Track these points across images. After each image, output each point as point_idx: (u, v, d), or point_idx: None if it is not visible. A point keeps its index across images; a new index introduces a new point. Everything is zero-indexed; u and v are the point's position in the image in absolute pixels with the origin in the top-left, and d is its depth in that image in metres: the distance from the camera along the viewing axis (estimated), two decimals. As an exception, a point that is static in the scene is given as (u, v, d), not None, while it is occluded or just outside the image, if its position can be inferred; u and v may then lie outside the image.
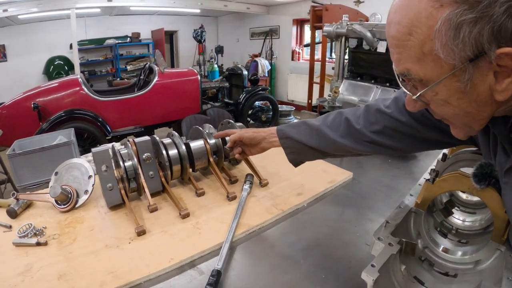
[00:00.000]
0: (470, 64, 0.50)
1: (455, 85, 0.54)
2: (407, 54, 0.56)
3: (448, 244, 0.86)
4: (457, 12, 0.47)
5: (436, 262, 0.83)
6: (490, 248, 0.75)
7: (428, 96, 0.59)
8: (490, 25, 0.46)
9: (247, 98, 5.87)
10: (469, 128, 0.62)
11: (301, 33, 9.13)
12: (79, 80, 4.17)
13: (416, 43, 0.53)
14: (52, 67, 8.54)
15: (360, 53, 2.33)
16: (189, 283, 0.89)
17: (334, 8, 4.82)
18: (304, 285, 0.88)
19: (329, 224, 1.18)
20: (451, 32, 0.49)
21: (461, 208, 0.97)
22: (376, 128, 0.94)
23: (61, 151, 2.61)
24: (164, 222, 1.14)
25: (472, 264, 0.78)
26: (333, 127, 1.03)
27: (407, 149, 0.97)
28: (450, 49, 0.50)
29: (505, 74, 0.50)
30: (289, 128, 1.14)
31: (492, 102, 0.54)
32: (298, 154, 1.14)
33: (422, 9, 0.51)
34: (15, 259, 0.97)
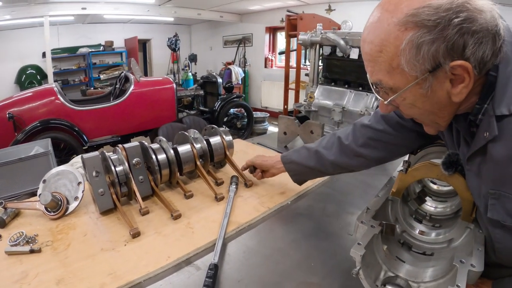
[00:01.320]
0: (430, 74, 0.63)
1: (419, 91, 0.66)
2: (379, 68, 0.68)
3: (423, 228, 0.96)
4: (418, 35, 0.60)
5: (414, 244, 0.93)
6: (461, 227, 0.86)
7: (398, 101, 0.71)
8: (444, 43, 0.59)
9: (222, 106, 5.92)
10: (437, 125, 0.75)
11: (273, 40, 9.31)
12: (54, 89, 4.08)
13: (385, 59, 0.65)
14: (24, 76, 8.22)
15: (334, 60, 2.46)
16: (188, 278, 0.94)
17: (308, 17, 5.07)
18: (295, 273, 0.96)
19: (313, 218, 1.27)
20: (414, 50, 0.61)
21: (433, 198, 1.08)
22: (362, 142, 1.09)
23: (39, 162, 2.55)
24: (157, 224, 1.18)
25: (446, 243, 0.89)
26: (327, 147, 1.18)
27: (389, 156, 1.11)
28: (413, 64, 0.62)
29: (459, 80, 0.63)
30: (291, 153, 1.32)
31: (450, 103, 0.67)
32: (300, 175, 1.31)
33: (391, 31, 0.63)
34: (9, 268, 0.96)
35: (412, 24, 0.60)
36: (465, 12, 0.57)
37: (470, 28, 0.58)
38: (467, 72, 0.61)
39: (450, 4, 0.57)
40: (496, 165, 0.66)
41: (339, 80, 2.48)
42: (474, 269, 0.68)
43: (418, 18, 0.59)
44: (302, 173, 1.29)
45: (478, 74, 0.62)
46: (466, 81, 0.62)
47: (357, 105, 2.26)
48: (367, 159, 1.10)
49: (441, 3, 0.58)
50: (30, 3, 6.20)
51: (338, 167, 1.17)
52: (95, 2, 6.86)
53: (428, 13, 0.58)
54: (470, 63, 0.60)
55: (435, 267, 0.80)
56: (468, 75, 0.61)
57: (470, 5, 0.57)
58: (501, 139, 0.63)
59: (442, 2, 0.58)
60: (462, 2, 0.57)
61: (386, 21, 0.63)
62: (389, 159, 1.13)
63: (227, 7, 8.36)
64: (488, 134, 0.65)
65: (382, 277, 0.78)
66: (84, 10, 6.80)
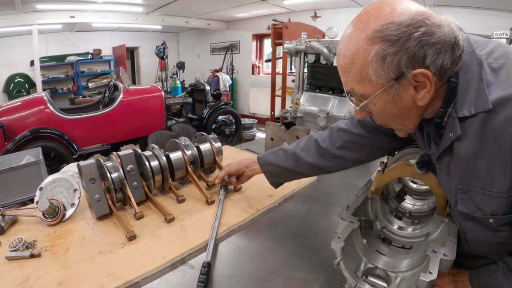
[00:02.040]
0: (395, 82, 0.71)
1: (387, 97, 0.74)
2: (351, 78, 0.76)
3: (402, 224, 1.05)
4: (383, 48, 0.68)
5: (393, 239, 1.01)
6: (436, 221, 0.94)
7: (370, 106, 0.79)
8: (406, 55, 0.67)
9: (210, 113, 5.99)
10: (405, 128, 0.83)
11: (260, 47, 9.44)
12: (44, 98, 4.08)
13: (356, 69, 0.74)
14: (12, 85, 8.11)
15: (318, 67, 2.57)
16: (183, 277, 1.00)
17: (293, 25, 5.23)
18: (283, 269, 1.03)
19: (300, 218, 1.35)
20: (379, 61, 0.69)
21: (413, 196, 1.17)
22: (339, 144, 1.16)
23: (30, 171, 2.56)
24: (151, 227, 1.24)
25: (423, 236, 0.97)
26: (305, 149, 1.23)
27: (366, 158, 1.19)
28: (380, 73, 0.70)
29: (421, 86, 0.71)
30: (268, 155, 1.34)
31: (416, 107, 0.75)
32: (277, 177, 1.34)
33: (360, 45, 0.71)
34: (10, 272, 1.01)
35: (378, 39, 0.68)
36: (424, 27, 0.66)
37: (429, 41, 0.66)
38: (428, 78, 0.69)
39: (410, 20, 0.66)
40: (462, 162, 0.75)
41: (323, 87, 2.59)
42: (446, 258, 0.76)
43: (383, 34, 0.68)
44: (279, 175, 1.33)
45: (440, 80, 0.71)
46: (428, 86, 0.70)
47: (341, 110, 2.37)
48: (344, 160, 1.18)
49: (403, 20, 0.67)
50: (18, 12, 6.19)
51: (316, 168, 1.23)
52: (83, 11, 6.88)
53: (391, 29, 0.67)
54: (430, 70, 0.68)
55: (412, 258, 0.89)
56: (429, 82, 0.70)
57: (429, 21, 0.66)
58: (464, 138, 0.72)
59: (404, 19, 0.67)
60: (421, 19, 0.66)
61: (357, 37, 0.72)
62: (366, 161, 1.21)
63: (214, 15, 8.46)
64: (453, 134, 0.74)
65: (362, 268, 0.86)
66: (73, 18, 6.81)
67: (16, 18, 6.32)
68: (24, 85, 8.17)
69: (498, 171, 0.69)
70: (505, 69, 0.68)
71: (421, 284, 0.67)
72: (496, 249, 0.81)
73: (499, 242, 0.78)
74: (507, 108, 0.65)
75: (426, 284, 0.67)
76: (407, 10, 0.68)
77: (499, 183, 0.69)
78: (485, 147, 0.69)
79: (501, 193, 0.69)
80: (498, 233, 0.76)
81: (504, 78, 0.68)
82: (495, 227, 0.75)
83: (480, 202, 0.74)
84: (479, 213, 0.75)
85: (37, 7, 6.16)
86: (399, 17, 0.67)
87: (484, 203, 0.73)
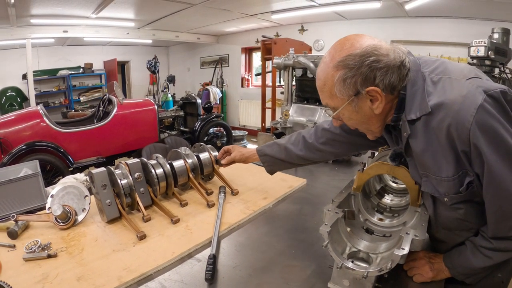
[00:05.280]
0: (354, 97, 0.93)
1: (350, 108, 0.97)
2: (324, 95, 1.00)
3: (381, 216, 1.21)
4: (344, 72, 0.91)
5: (375, 230, 1.17)
6: (411, 211, 1.10)
7: (340, 115, 1.01)
8: (361, 77, 0.90)
9: (202, 126, 6.11)
10: (372, 132, 1.06)
11: (249, 60, 9.66)
12: (40, 111, 4.15)
13: (327, 89, 0.97)
14: (4, 98, 8.08)
15: (305, 81, 2.75)
16: (191, 268, 1.13)
17: (281, 41, 5.54)
18: (280, 259, 1.17)
19: (292, 217, 1.50)
20: (341, 83, 0.92)
21: (394, 194, 1.33)
22: (322, 141, 1.39)
23: (28, 183, 2.61)
24: (159, 228, 1.36)
25: (401, 225, 1.12)
26: (294, 143, 1.46)
27: (345, 152, 1.48)
28: (342, 92, 0.93)
29: (375, 99, 0.93)
30: (264, 148, 1.57)
31: (375, 115, 0.97)
32: (273, 166, 1.57)
33: (329, 72, 0.94)
34: (29, 271, 1.09)
35: (340, 66, 0.91)
36: (373, 56, 0.87)
37: (377, 66, 0.88)
38: (378, 93, 0.91)
39: (363, 52, 0.88)
40: (417, 155, 0.96)
41: (310, 99, 2.77)
42: (417, 238, 0.92)
43: (344, 63, 0.90)
44: (274, 164, 1.55)
45: (391, 94, 0.93)
46: (380, 99, 0.92)
47: (327, 120, 2.53)
48: (326, 153, 1.41)
49: (357, 52, 0.88)
50: (12, 25, 6.28)
51: (303, 159, 1.45)
52: (76, 25, 6.99)
53: (349, 59, 0.89)
54: (379, 87, 0.90)
55: (390, 242, 1.04)
56: (379, 96, 0.91)
57: (377, 52, 0.88)
58: (415, 137, 0.94)
59: (358, 51, 0.88)
60: (371, 50, 0.88)
61: (327, 66, 0.94)
62: (345, 154, 1.51)
63: (204, 29, 8.67)
64: (406, 133, 0.95)
65: (348, 252, 1.01)
66: (66, 33, 6.92)
67: (10, 32, 6.42)
68: (16, 99, 8.13)
69: (442, 160, 0.89)
70: (441, 82, 0.90)
71: (395, 258, 0.82)
72: (459, 225, 1.00)
73: (460, 219, 0.97)
74: (440, 111, 0.85)
75: (400, 258, 0.81)
76: (361, 44, 0.90)
77: (445, 169, 0.90)
78: (430, 142, 0.90)
79: (447, 177, 0.90)
80: (457, 210, 0.95)
81: (439, 88, 0.89)
82: (451, 205, 0.94)
83: (435, 185, 0.94)
84: (437, 193, 0.95)
85: (32, 21, 6.28)
86: (355, 50, 0.89)
87: (438, 185, 0.93)
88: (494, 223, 0.90)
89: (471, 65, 3.84)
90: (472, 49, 3.73)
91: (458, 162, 0.87)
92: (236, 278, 1.08)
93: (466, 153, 0.84)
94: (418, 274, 1.04)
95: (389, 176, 1.36)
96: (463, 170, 0.88)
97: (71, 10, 5.87)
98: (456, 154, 0.86)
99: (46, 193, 2.41)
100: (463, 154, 0.85)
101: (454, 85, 0.87)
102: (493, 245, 0.92)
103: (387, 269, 0.84)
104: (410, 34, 5.97)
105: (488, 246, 0.93)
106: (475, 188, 0.89)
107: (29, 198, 2.58)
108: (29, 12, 5.72)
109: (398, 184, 1.36)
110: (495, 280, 1.04)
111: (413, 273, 1.05)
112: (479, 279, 1.01)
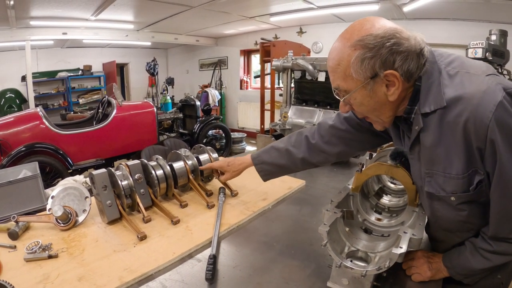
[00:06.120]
0: (371, 80, 0.88)
1: (364, 92, 0.92)
2: (337, 76, 0.93)
3: (379, 216, 1.22)
4: (362, 52, 0.86)
5: (373, 229, 1.18)
6: (409, 211, 1.11)
7: (351, 99, 0.96)
8: (380, 59, 0.85)
9: (201, 128, 6.12)
10: (381, 121, 1.01)
11: (248, 62, 9.68)
12: (39, 113, 4.16)
13: (342, 69, 0.91)
14: (3, 100, 8.08)
15: (304, 83, 2.77)
16: (192, 268, 1.14)
17: (280, 43, 5.55)
18: (279, 259, 1.18)
19: (291, 218, 1.51)
20: (359, 63, 0.87)
21: (392, 195, 1.35)
22: (327, 139, 1.33)
23: (28, 185, 2.61)
24: (159, 229, 1.37)
25: (399, 225, 1.13)
26: (296, 146, 1.39)
27: (350, 151, 1.37)
28: (359, 72, 0.88)
29: (392, 85, 0.89)
30: (261, 154, 1.48)
31: (388, 102, 0.93)
32: (270, 174, 1.48)
33: (345, 51, 0.89)
34: (30, 272, 1.10)
35: (359, 46, 0.86)
36: (394, 39, 0.84)
37: (397, 49, 0.84)
38: (396, 78, 0.87)
39: (384, 33, 0.84)
40: (427, 150, 0.93)
41: (309, 101, 2.78)
42: (415, 237, 0.93)
43: (363, 42, 0.86)
44: (272, 172, 1.46)
45: (408, 82, 0.89)
46: (397, 85, 0.88)
47: (326, 122, 2.55)
48: (330, 154, 1.34)
49: (378, 33, 0.85)
50: (12, 27, 6.30)
51: (307, 163, 1.38)
52: (75, 28, 7.01)
53: (369, 39, 0.85)
54: (398, 72, 0.86)
55: (388, 241, 1.05)
56: (397, 81, 0.87)
57: (399, 35, 0.85)
58: (427, 130, 0.91)
59: (379, 32, 0.85)
60: (393, 33, 0.84)
61: (343, 44, 0.90)
62: (350, 154, 1.40)
63: (203, 31, 8.70)
64: (418, 127, 0.93)
65: (346, 251, 1.02)
66: (65, 35, 6.95)
67: (9, 34, 6.44)
68: (15, 101, 8.13)
69: (454, 156, 0.87)
70: (459, 76, 0.87)
71: (393, 257, 0.83)
72: (461, 227, 0.99)
73: (462, 221, 0.96)
74: (458, 105, 0.83)
75: (398, 257, 0.83)
76: (382, 26, 0.87)
77: (455, 166, 0.88)
78: (443, 137, 0.88)
79: (457, 174, 0.88)
80: (460, 211, 0.94)
81: (457, 82, 0.87)
82: (456, 205, 0.92)
83: (442, 183, 0.92)
84: (443, 192, 0.92)
85: (31, 23, 6.30)
86: (376, 31, 0.86)
87: (445, 183, 0.91)
88: (496, 224, 0.90)
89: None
90: (470, 50, 3.75)
91: (470, 159, 0.86)
92: (236, 277, 1.08)
93: (481, 150, 0.83)
94: (416, 273, 1.05)
95: (388, 177, 1.37)
96: (474, 168, 0.86)
97: (71, 12, 5.90)
98: (470, 151, 0.85)
99: (45, 194, 2.42)
100: (477, 151, 0.84)
101: (473, 79, 0.85)
102: (493, 248, 0.92)
103: (386, 268, 0.85)
104: (408, 36, 5.98)
105: (488, 248, 0.93)
106: (484, 187, 0.88)
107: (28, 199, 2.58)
108: (29, 14, 5.74)
109: (396, 185, 1.37)
110: (494, 282, 1.05)
111: (412, 272, 1.06)
112: (478, 280, 1.02)
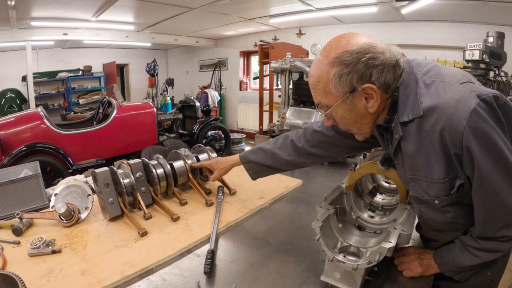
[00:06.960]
0: (350, 94, 0.93)
1: (345, 106, 0.96)
2: (318, 92, 0.98)
3: (372, 214, 1.26)
4: (340, 69, 0.90)
5: (366, 227, 1.22)
6: (400, 209, 1.16)
7: (333, 114, 1.00)
8: (357, 74, 0.89)
9: (201, 129, 6.14)
10: (362, 132, 1.05)
11: (248, 64, 9.74)
12: (40, 113, 4.19)
13: (321, 86, 0.96)
14: (4, 100, 8.11)
15: (302, 84, 2.82)
16: (190, 263, 1.18)
17: (278, 45, 5.63)
18: (275, 255, 1.23)
19: (288, 216, 1.56)
20: (337, 79, 0.91)
21: (386, 194, 1.39)
22: (313, 143, 1.37)
23: (29, 184, 2.64)
24: (159, 226, 1.41)
25: (391, 222, 1.16)
26: (282, 148, 1.43)
27: (336, 155, 1.42)
28: (338, 88, 0.92)
29: (370, 97, 0.93)
30: (248, 154, 1.53)
31: (368, 114, 0.97)
32: (258, 173, 1.53)
33: (324, 68, 0.93)
34: (34, 266, 1.14)
35: (336, 63, 0.90)
36: (369, 54, 0.88)
37: (373, 63, 0.88)
38: (374, 91, 0.91)
39: (359, 49, 0.88)
40: (408, 157, 0.97)
41: (307, 102, 2.83)
42: (404, 232, 0.97)
43: (340, 59, 0.90)
44: (260, 171, 1.51)
45: (386, 93, 0.93)
46: (375, 97, 0.92)
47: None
48: (317, 156, 1.39)
49: (354, 49, 0.89)
50: (13, 28, 6.35)
51: (293, 164, 1.44)
52: (76, 28, 7.06)
53: (346, 56, 0.89)
54: (375, 85, 0.90)
55: (379, 237, 1.09)
56: (375, 93, 0.91)
57: (374, 49, 0.88)
58: (407, 139, 0.95)
59: (354, 48, 0.89)
60: (368, 48, 0.88)
61: (322, 62, 0.94)
62: (337, 157, 1.43)
63: (203, 32, 8.77)
64: (397, 135, 0.96)
65: (339, 246, 1.06)
66: (66, 35, 7.00)
67: (10, 34, 6.49)
68: (15, 101, 8.16)
69: (434, 163, 0.90)
70: (434, 85, 0.91)
71: (383, 251, 0.87)
72: (449, 227, 1.02)
73: (448, 222, 0.99)
74: (433, 114, 0.87)
75: (387, 251, 0.87)
76: (357, 42, 0.90)
77: (436, 172, 0.91)
78: (422, 144, 0.91)
79: (439, 179, 0.91)
80: (445, 213, 0.97)
81: (432, 91, 0.90)
82: (440, 207, 0.95)
83: (426, 188, 0.95)
84: (427, 196, 0.96)
85: (32, 24, 6.35)
86: (351, 47, 0.89)
87: (428, 188, 0.94)
88: (482, 224, 0.93)
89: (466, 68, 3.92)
90: (467, 52, 3.79)
91: (450, 165, 0.88)
92: (233, 272, 1.13)
93: (458, 156, 0.85)
94: (407, 269, 1.08)
95: (382, 176, 1.41)
96: (454, 172, 0.89)
97: (71, 13, 5.95)
98: (448, 157, 0.87)
99: (46, 194, 2.46)
100: (455, 157, 0.86)
101: (447, 88, 0.88)
102: (481, 245, 0.95)
103: (375, 261, 0.89)
104: (406, 38, 6.04)
105: (476, 246, 0.96)
106: (466, 190, 0.90)
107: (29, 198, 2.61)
108: (30, 14, 5.79)
109: (390, 184, 1.41)
110: (484, 279, 1.08)
111: (403, 268, 1.09)
112: (468, 276, 1.05)
